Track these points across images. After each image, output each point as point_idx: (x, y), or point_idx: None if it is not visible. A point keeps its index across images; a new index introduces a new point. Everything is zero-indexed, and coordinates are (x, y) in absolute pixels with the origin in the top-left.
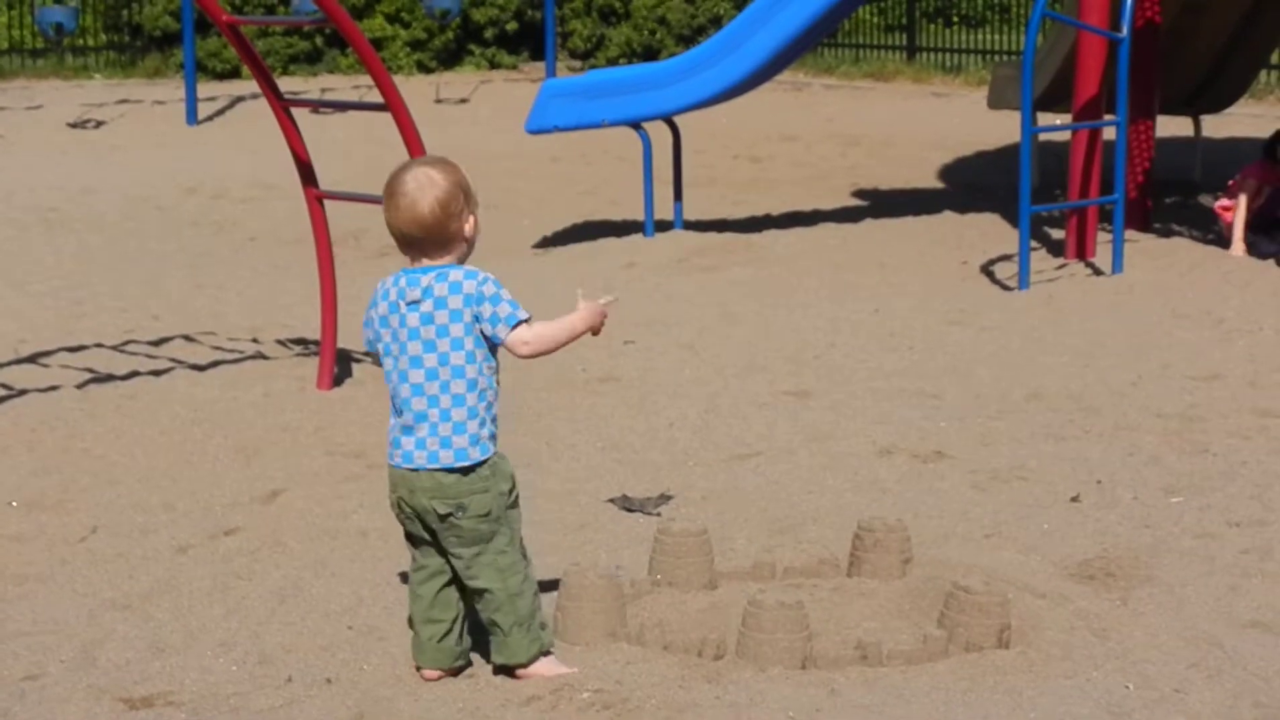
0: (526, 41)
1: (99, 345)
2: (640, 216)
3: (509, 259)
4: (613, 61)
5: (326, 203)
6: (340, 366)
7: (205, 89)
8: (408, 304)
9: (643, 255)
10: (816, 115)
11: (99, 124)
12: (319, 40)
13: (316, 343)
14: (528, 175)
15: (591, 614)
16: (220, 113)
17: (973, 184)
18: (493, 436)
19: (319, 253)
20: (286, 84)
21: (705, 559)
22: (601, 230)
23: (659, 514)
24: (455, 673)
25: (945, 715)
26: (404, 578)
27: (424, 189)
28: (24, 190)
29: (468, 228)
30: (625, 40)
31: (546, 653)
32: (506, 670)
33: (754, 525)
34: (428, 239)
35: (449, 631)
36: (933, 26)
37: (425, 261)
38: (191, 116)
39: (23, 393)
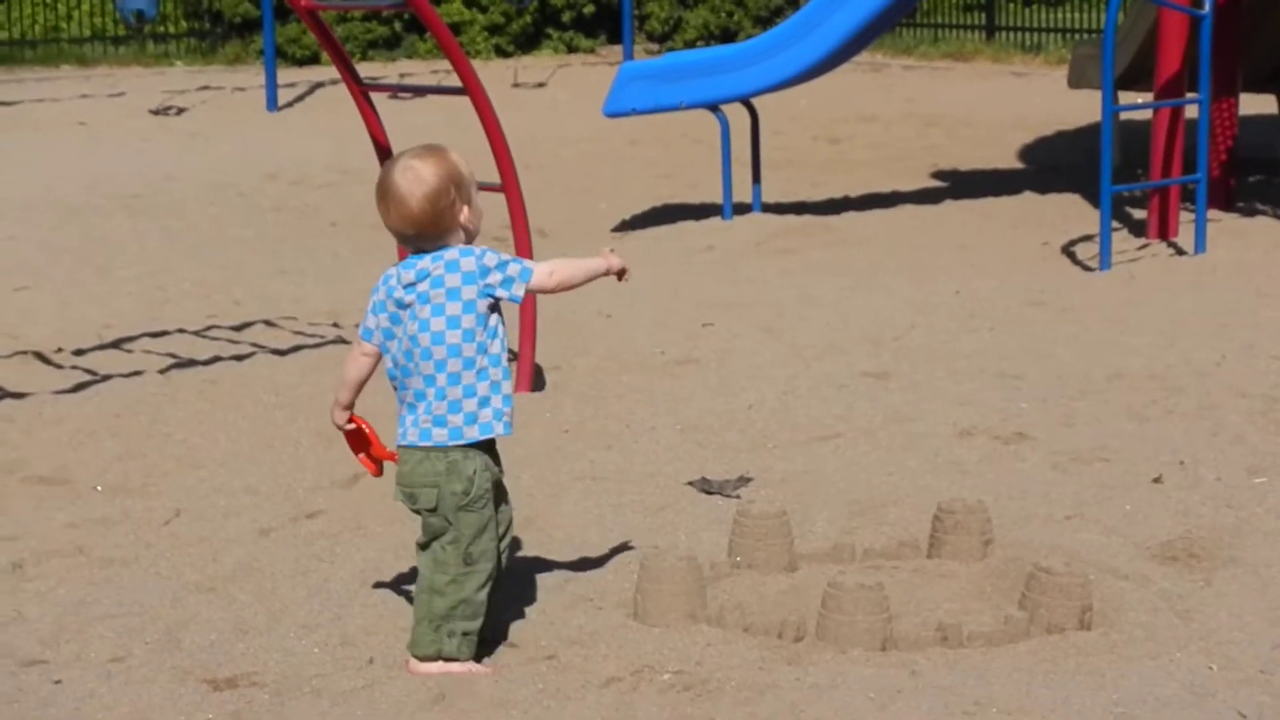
0: (604, 25)
1: (181, 330)
2: (718, 199)
3: (587, 242)
4: (690, 44)
5: None
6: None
7: (285, 75)
8: (404, 287)
9: (721, 238)
10: (895, 96)
11: (180, 111)
12: (398, 25)
13: None
14: (605, 159)
15: (671, 596)
16: (300, 99)
17: (1053, 164)
18: (499, 417)
19: None
20: (365, 69)
21: (785, 541)
22: (679, 213)
23: (738, 496)
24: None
25: (1026, 697)
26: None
27: (413, 186)
28: (107, 177)
29: (463, 216)
30: (703, 22)
31: (451, 659)
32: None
33: (833, 507)
34: (422, 235)
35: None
36: (1012, 5)
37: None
38: (272, 103)
39: (106, 378)
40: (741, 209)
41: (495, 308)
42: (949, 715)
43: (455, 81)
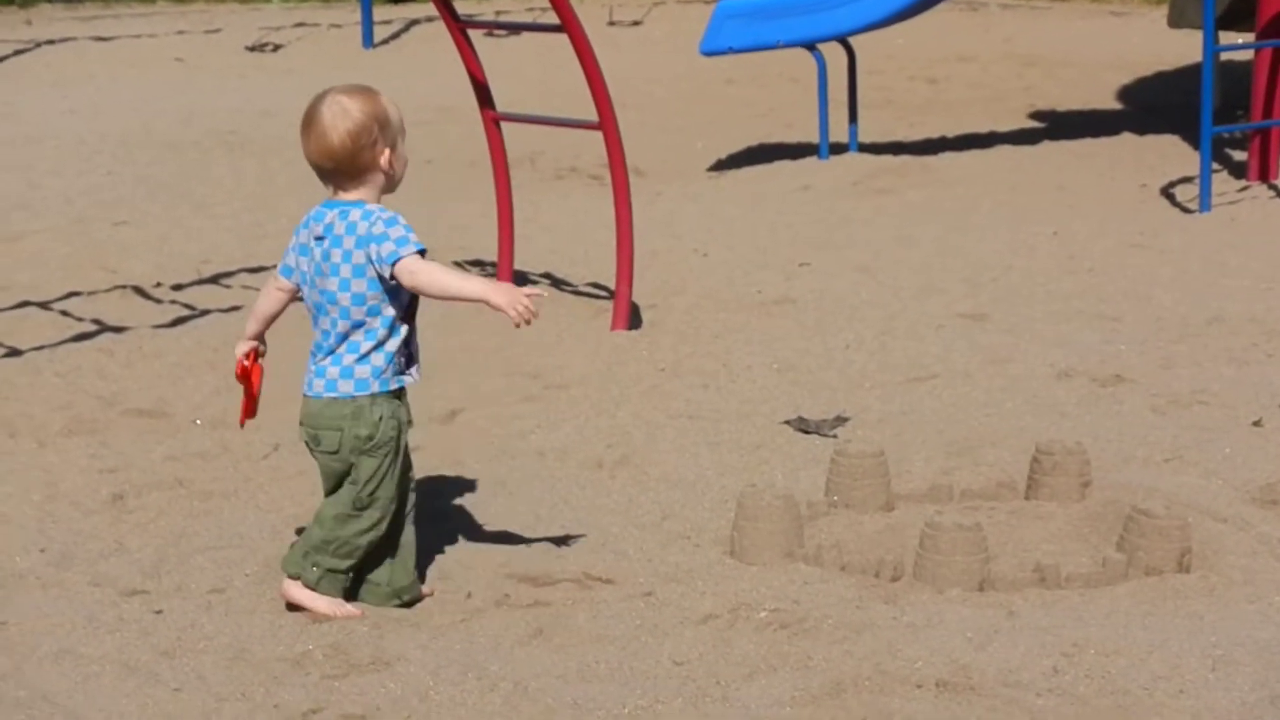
0: None
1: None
2: (815, 139)
3: (683, 182)
4: None
5: (503, 125)
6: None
7: (380, 12)
8: (314, 238)
9: (817, 178)
10: (993, 35)
11: (276, 48)
12: None
13: (493, 264)
14: (702, 98)
15: (769, 534)
16: (395, 36)
17: (1152, 105)
18: (378, 376)
19: (496, 175)
20: (461, 7)
21: (882, 480)
22: (776, 153)
23: (835, 435)
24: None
25: (1124, 638)
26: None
27: (336, 119)
28: (204, 113)
29: (383, 159)
30: None
31: (310, 587)
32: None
33: (931, 447)
34: (339, 170)
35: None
36: None
37: (340, 194)
38: (367, 40)
39: (205, 313)
40: (838, 149)
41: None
42: (1046, 656)
43: (551, 19)
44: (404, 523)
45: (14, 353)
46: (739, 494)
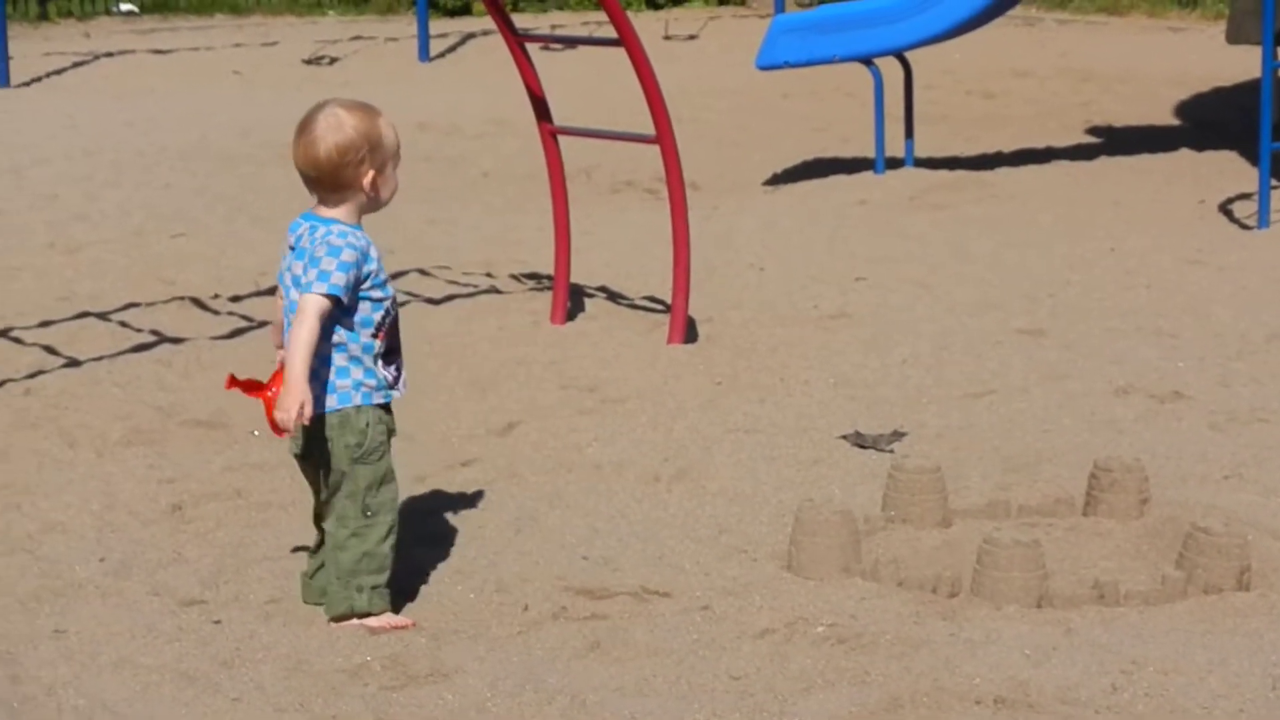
0: None
1: None
2: (871, 153)
3: (739, 196)
4: None
5: (559, 139)
6: (574, 301)
7: (437, 26)
8: (289, 248)
9: (874, 192)
10: (1049, 51)
11: (333, 60)
12: None
13: (550, 277)
14: (758, 112)
15: (826, 549)
16: (452, 49)
17: (1210, 121)
18: (359, 389)
19: (553, 188)
20: (517, 21)
21: (939, 496)
22: (832, 167)
23: (892, 450)
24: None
25: (1183, 656)
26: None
27: (326, 131)
28: (261, 126)
29: (367, 180)
30: None
31: (365, 614)
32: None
33: (988, 463)
34: (321, 181)
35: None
36: None
37: (320, 207)
38: (424, 53)
39: (263, 324)
40: (894, 163)
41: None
42: (1104, 674)
43: (608, 33)
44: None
45: (73, 363)
46: (797, 508)
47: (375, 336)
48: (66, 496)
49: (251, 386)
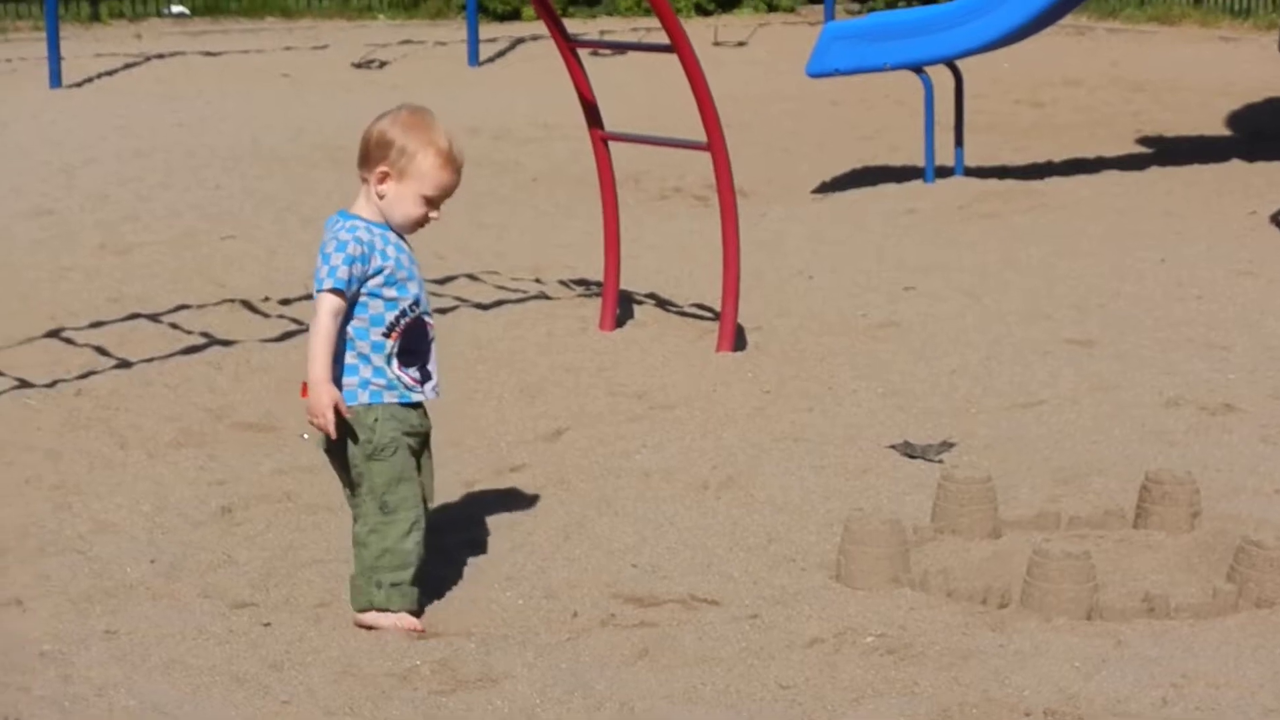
0: None
1: None
2: (920, 162)
3: (788, 204)
4: (891, 4)
5: (609, 144)
6: (622, 308)
7: (486, 30)
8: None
9: (923, 201)
10: (1100, 60)
11: (382, 64)
12: None
13: (599, 283)
14: (807, 119)
15: (875, 559)
16: (501, 54)
17: (1261, 131)
18: (365, 388)
19: (603, 194)
20: (566, 26)
21: (989, 507)
22: (881, 175)
23: (941, 461)
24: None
25: (1235, 670)
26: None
27: (390, 120)
28: (312, 129)
29: (381, 184)
30: None
31: (384, 609)
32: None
33: (1038, 474)
34: (359, 154)
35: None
36: None
37: (355, 200)
38: (473, 57)
39: None
40: (944, 172)
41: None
42: (1155, 687)
43: (659, 39)
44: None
45: (124, 364)
46: (846, 518)
47: (387, 336)
48: (117, 497)
49: None
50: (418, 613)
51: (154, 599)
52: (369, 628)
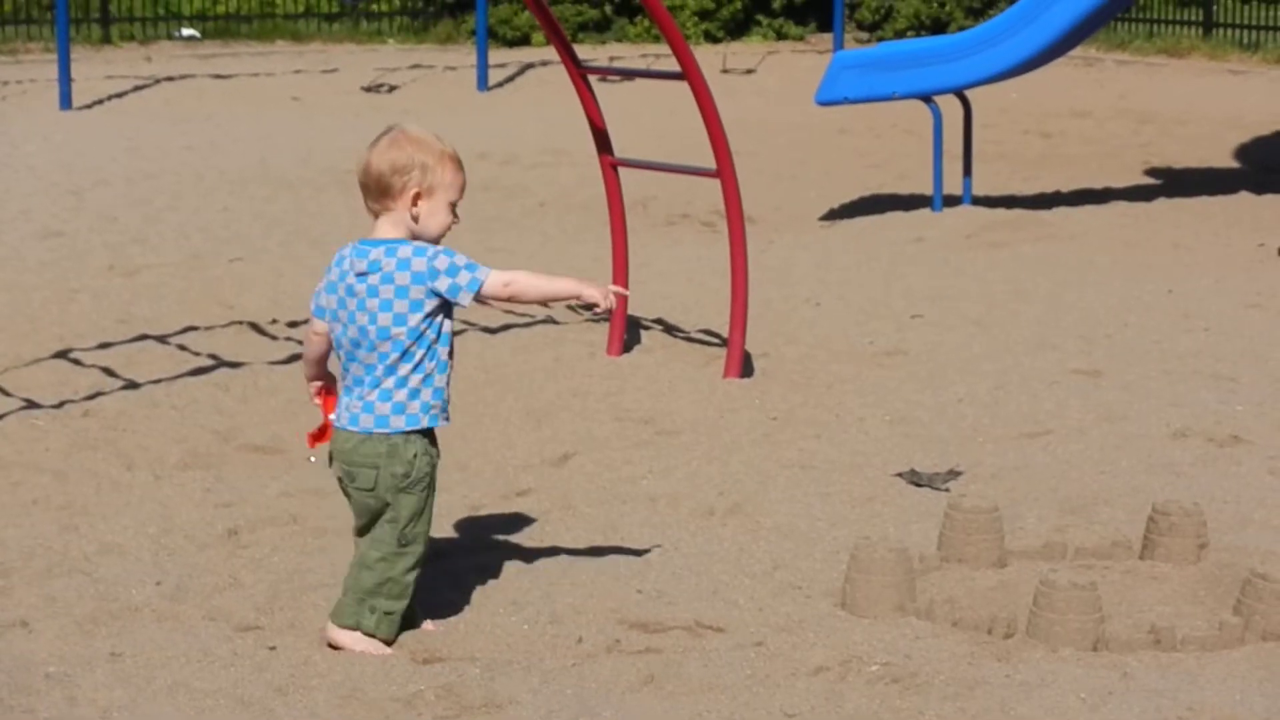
0: (814, 12)
1: None
2: (928, 190)
3: (796, 231)
4: (900, 34)
5: (618, 170)
6: (630, 333)
7: (496, 56)
8: (356, 275)
9: (931, 230)
10: (1108, 91)
11: (392, 88)
12: (608, 9)
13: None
14: (814, 147)
15: (881, 587)
16: (510, 79)
17: (1270, 164)
18: (427, 412)
19: (612, 219)
20: (576, 52)
21: (995, 536)
22: (889, 204)
23: (948, 489)
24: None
25: (1241, 703)
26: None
27: (389, 146)
28: (320, 151)
29: (413, 207)
30: (914, 12)
31: (370, 634)
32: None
33: (1044, 504)
34: (368, 190)
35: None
36: (1230, 1)
37: (376, 229)
38: (482, 82)
39: None
40: (951, 201)
41: (444, 308)
42: (1161, 719)
43: (665, 66)
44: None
45: (132, 385)
46: (852, 545)
47: (450, 355)
48: (124, 519)
49: (320, 435)
50: (391, 643)
51: (159, 621)
52: (337, 646)
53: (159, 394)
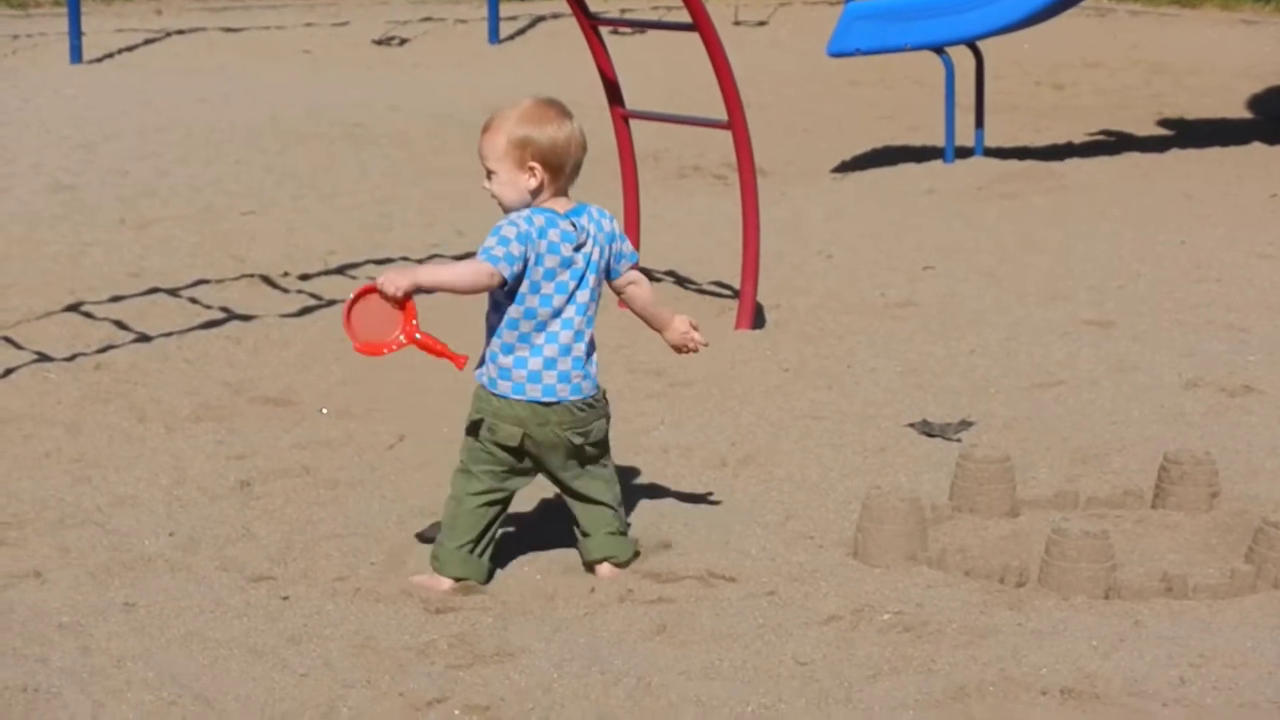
0: None
1: (404, 258)
2: (940, 142)
3: (807, 183)
4: None
5: (630, 122)
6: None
7: (507, 8)
8: (575, 249)
9: (942, 181)
10: (1120, 42)
11: (403, 41)
12: None
13: None
14: (827, 99)
15: (893, 536)
16: (521, 32)
17: None
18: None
19: (624, 172)
20: (587, 3)
21: (1007, 486)
22: (901, 155)
23: (959, 440)
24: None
25: (1252, 650)
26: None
27: (510, 111)
28: (331, 106)
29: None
30: None
31: (629, 560)
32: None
33: (1056, 454)
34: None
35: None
36: None
37: (561, 196)
38: (493, 35)
39: (331, 303)
40: (963, 152)
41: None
42: (1172, 666)
43: (675, 17)
44: None
45: (144, 338)
46: (864, 495)
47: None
48: (136, 471)
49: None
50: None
51: (172, 572)
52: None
53: (171, 347)
